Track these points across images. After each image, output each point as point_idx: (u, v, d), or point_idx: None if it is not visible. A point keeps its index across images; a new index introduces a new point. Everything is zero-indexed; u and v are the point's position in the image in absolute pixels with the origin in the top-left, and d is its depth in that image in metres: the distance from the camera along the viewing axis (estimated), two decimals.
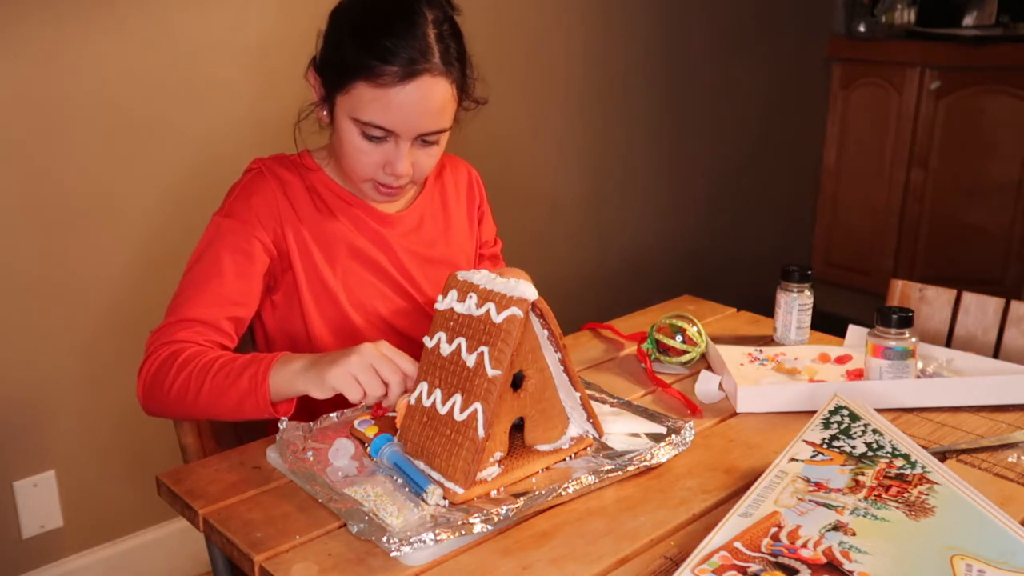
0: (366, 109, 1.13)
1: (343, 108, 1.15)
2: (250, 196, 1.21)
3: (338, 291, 1.24)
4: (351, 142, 1.16)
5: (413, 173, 1.19)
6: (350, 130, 1.15)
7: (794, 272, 1.36)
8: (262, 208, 1.20)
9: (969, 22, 3.26)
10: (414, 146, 1.17)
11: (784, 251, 3.32)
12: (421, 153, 1.18)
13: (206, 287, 1.16)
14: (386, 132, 1.14)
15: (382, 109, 1.12)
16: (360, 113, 1.13)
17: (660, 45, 2.76)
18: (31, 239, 1.72)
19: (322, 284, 1.23)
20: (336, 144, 1.21)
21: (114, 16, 1.73)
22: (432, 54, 1.11)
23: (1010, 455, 1.04)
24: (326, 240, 1.23)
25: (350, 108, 1.14)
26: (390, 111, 1.12)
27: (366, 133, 1.15)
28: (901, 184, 3.19)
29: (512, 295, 0.91)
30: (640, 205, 2.85)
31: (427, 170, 1.22)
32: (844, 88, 3.32)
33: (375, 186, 1.20)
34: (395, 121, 1.13)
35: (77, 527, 1.87)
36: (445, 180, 1.37)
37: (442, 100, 1.14)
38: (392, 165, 1.16)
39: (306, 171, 1.25)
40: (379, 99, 1.11)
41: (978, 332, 1.49)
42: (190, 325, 1.14)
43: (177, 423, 1.25)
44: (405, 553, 0.82)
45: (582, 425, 1.02)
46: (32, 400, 1.77)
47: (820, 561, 0.79)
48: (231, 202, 1.21)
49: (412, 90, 1.11)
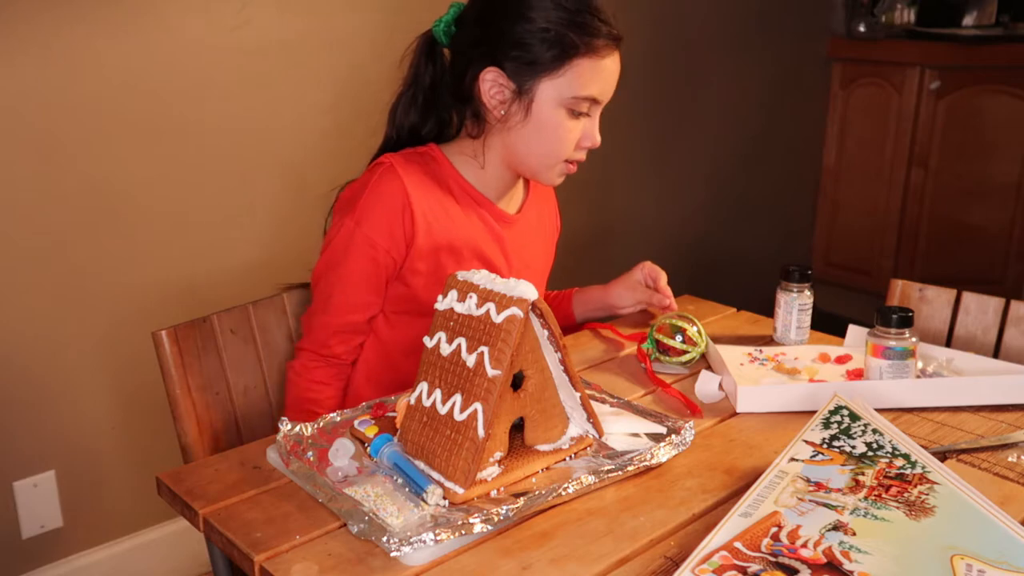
0: (586, 82, 1.20)
1: (552, 92, 1.21)
2: (380, 201, 1.23)
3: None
4: (559, 124, 1.23)
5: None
6: (556, 113, 1.22)
7: (794, 272, 1.36)
8: (392, 214, 1.23)
9: (969, 22, 3.26)
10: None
11: (784, 251, 3.32)
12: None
13: (340, 294, 1.26)
14: (592, 104, 1.23)
15: (600, 79, 1.22)
16: (579, 88, 1.20)
17: (660, 44, 2.76)
18: (32, 239, 1.72)
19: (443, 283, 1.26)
20: (528, 134, 1.24)
21: (117, 15, 1.73)
22: (613, 26, 1.23)
23: (1010, 455, 1.04)
24: (451, 241, 1.26)
25: (566, 88, 1.21)
26: (605, 80, 1.22)
27: (575, 110, 1.22)
28: (901, 184, 3.19)
29: (512, 295, 0.91)
30: (640, 205, 2.85)
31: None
32: (844, 88, 3.32)
33: (564, 167, 1.28)
34: (606, 90, 1.24)
35: (77, 527, 1.87)
36: (540, 194, 1.43)
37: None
38: (591, 137, 1.25)
39: (438, 168, 1.28)
40: (597, 70, 1.21)
41: (978, 332, 1.49)
42: (326, 335, 1.27)
43: (176, 422, 1.25)
44: (405, 553, 0.82)
45: (582, 425, 1.02)
46: (32, 400, 1.77)
47: (820, 561, 0.79)
48: (362, 207, 1.23)
49: (616, 57, 1.23)
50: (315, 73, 2.02)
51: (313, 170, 2.03)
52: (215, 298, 1.77)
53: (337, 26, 2.03)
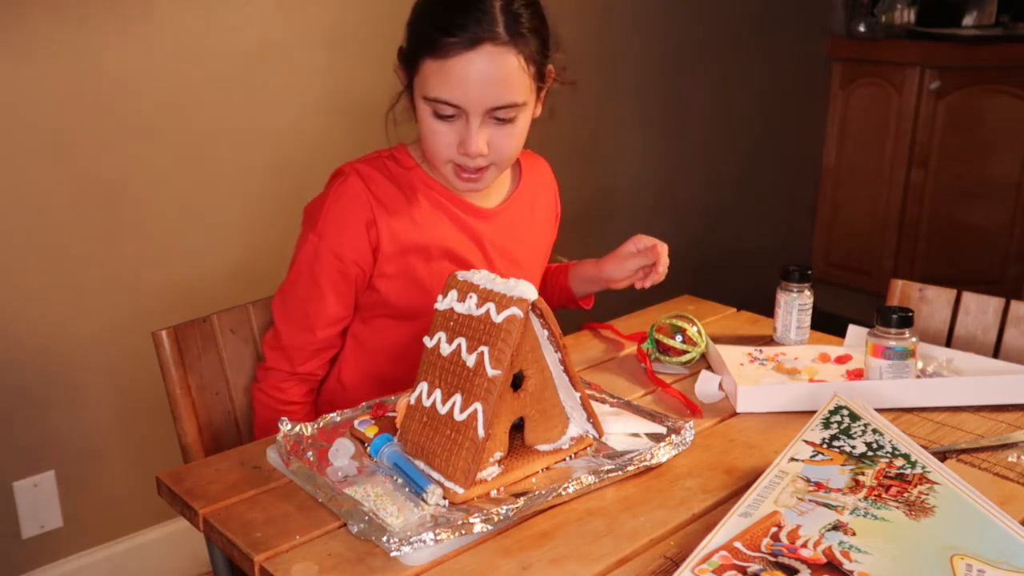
0: (432, 84, 1.13)
1: (417, 91, 1.17)
2: (341, 212, 1.21)
3: (429, 292, 1.24)
4: (426, 124, 1.17)
5: (490, 154, 1.17)
6: (424, 111, 1.16)
7: (794, 272, 1.36)
8: (354, 224, 1.20)
9: (969, 22, 3.26)
10: (487, 124, 1.16)
11: (784, 251, 3.32)
12: (496, 132, 1.17)
13: (312, 311, 1.23)
14: (455, 108, 1.14)
15: (445, 82, 1.12)
16: (428, 89, 1.14)
17: (660, 44, 2.76)
18: (31, 239, 1.72)
19: (415, 285, 1.24)
20: (418, 132, 1.21)
21: (117, 15, 1.73)
22: (496, 24, 1.11)
23: (1010, 455, 1.04)
24: (418, 242, 1.23)
25: (421, 87, 1.15)
26: (452, 83, 1.12)
27: (437, 112, 1.15)
28: (901, 184, 3.19)
29: (512, 295, 0.91)
30: (640, 204, 2.85)
31: (507, 152, 1.19)
32: (844, 88, 3.32)
33: (455, 170, 1.20)
34: (460, 94, 1.12)
35: (77, 527, 1.87)
36: (535, 181, 1.39)
37: (508, 72, 1.13)
38: (464, 144, 1.15)
39: (401, 170, 1.25)
40: (442, 71, 1.12)
41: (978, 332, 1.49)
42: (302, 355, 1.25)
43: (176, 422, 1.25)
44: (405, 553, 0.82)
45: (582, 425, 1.02)
46: (32, 400, 1.77)
47: (820, 561, 0.79)
48: (324, 220, 1.21)
49: (474, 60, 1.11)
50: (316, 73, 2.02)
51: (314, 170, 2.02)
52: (215, 298, 1.77)
53: (337, 26, 2.03)
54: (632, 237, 1.42)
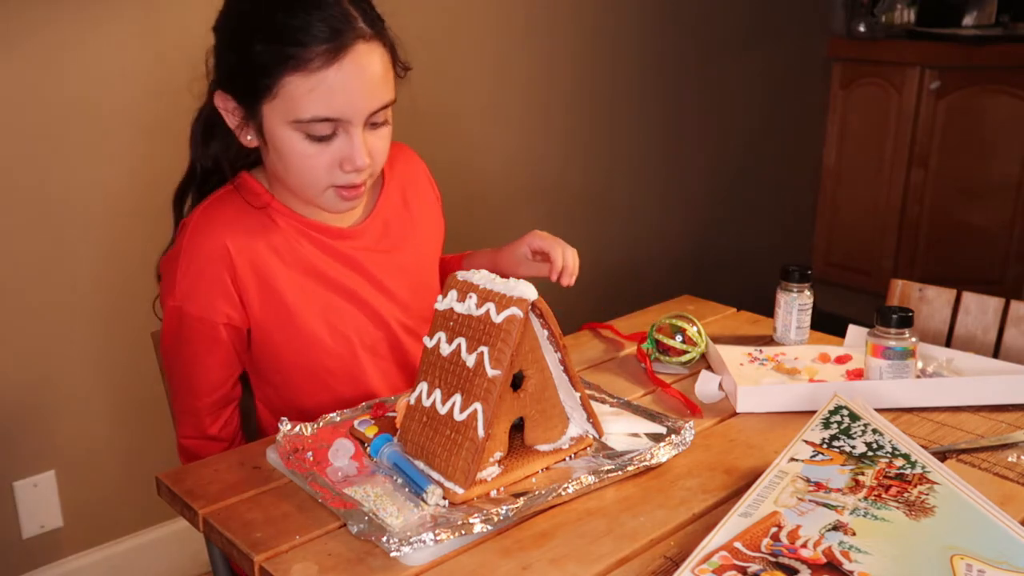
0: (305, 104, 1.00)
1: (275, 116, 1.02)
2: (196, 271, 1.09)
3: (316, 328, 1.15)
4: (296, 151, 1.03)
5: (371, 163, 1.07)
6: (290, 138, 1.02)
7: (794, 272, 1.36)
8: (213, 282, 1.09)
9: (969, 22, 3.26)
10: (365, 131, 1.04)
11: (784, 251, 3.32)
12: (373, 137, 1.06)
13: (193, 377, 1.15)
14: (333, 124, 1.02)
15: (322, 98, 0.99)
16: (299, 112, 1.00)
17: (660, 44, 2.76)
18: (31, 240, 1.72)
19: (295, 328, 1.14)
20: (275, 162, 1.07)
21: (117, 15, 1.73)
22: (355, 19, 1.00)
23: (1010, 455, 1.04)
24: (289, 274, 1.13)
25: (285, 112, 1.01)
26: (332, 97, 0.99)
27: (311, 133, 1.02)
28: (901, 184, 3.19)
29: (512, 295, 0.91)
30: (640, 205, 2.85)
31: (383, 156, 1.09)
32: (844, 88, 3.32)
33: (336, 192, 1.07)
34: (341, 106, 1.00)
35: (77, 527, 1.87)
36: (401, 172, 1.25)
37: (382, 68, 1.03)
38: (350, 160, 1.04)
39: (254, 198, 1.12)
40: (317, 87, 0.99)
41: (978, 332, 1.49)
42: (204, 419, 1.17)
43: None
44: (405, 553, 0.82)
45: (582, 425, 1.02)
46: (32, 400, 1.77)
47: (820, 561, 0.79)
48: (180, 283, 1.09)
49: (349, 64, 0.99)
50: None
51: None
52: None
53: None
54: (528, 234, 1.26)
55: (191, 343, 1.12)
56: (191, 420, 1.19)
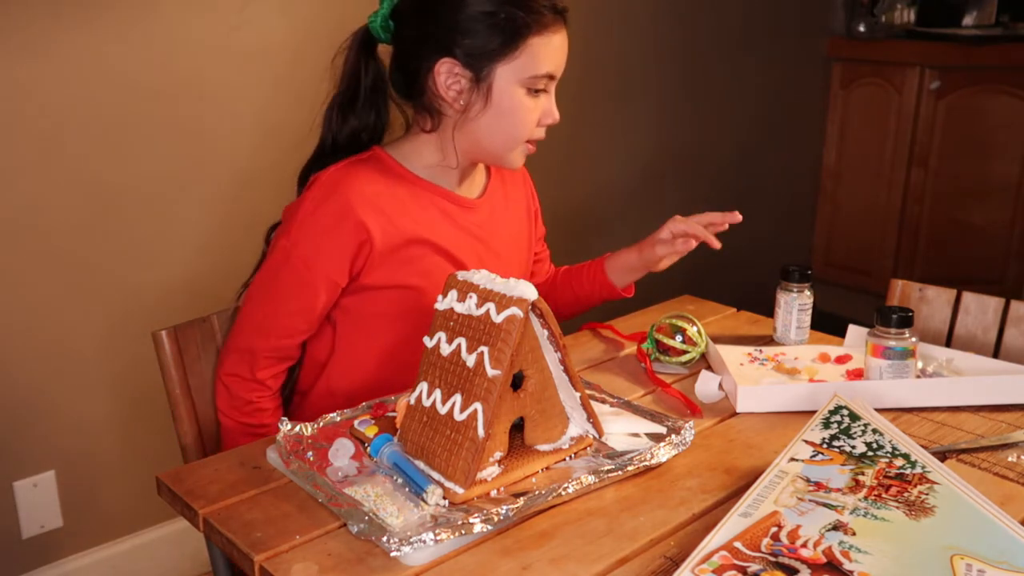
0: (541, 60, 1.18)
1: (510, 75, 1.18)
2: (317, 223, 1.17)
3: (420, 289, 1.22)
4: (520, 106, 1.20)
5: None
6: (517, 94, 1.19)
7: (794, 272, 1.36)
8: (331, 237, 1.17)
9: (969, 22, 3.26)
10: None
11: (784, 251, 3.32)
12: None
13: (273, 322, 1.21)
14: (549, 80, 1.21)
15: (553, 54, 1.19)
16: (536, 67, 1.18)
17: (659, 45, 2.76)
18: (31, 239, 1.72)
19: (406, 283, 1.22)
20: (490, 121, 1.21)
21: (118, 15, 1.73)
22: None
23: (1010, 455, 1.04)
24: (415, 236, 1.21)
25: (522, 69, 1.18)
26: (557, 55, 1.20)
27: (535, 88, 1.20)
28: (901, 184, 3.19)
29: (512, 295, 0.91)
30: (640, 205, 2.85)
31: None
32: (844, 88, 3.32)
33: (526, 147, 1.25)
34: (560, 63, 1.21)
35: (77, 527, 1.87)
36: (503, 174, 1.38)
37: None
38: (550, 113, 1.23)
39: (386, 168, 1.23)
40: (548, 45, 1.18)
41: (978, 332, 1.49)
42: (260, 362, 1.22)
43: (176, 422, 1.25)
44: (405, 553, 0.82)
45: (582, 425, 1.02)
46: (32, 400, 1.77)
47: (820, 561, 0.79)
48: (298, 229, 1.18)
49: (564, 30, 1.21)
50: (316, 73, 2.01)
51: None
52: (215, 298, 1.76)
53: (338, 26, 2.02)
54: (670, 219, 1.39)
55: (286, 284, 1.20)
56: (246, 359, 1.22)
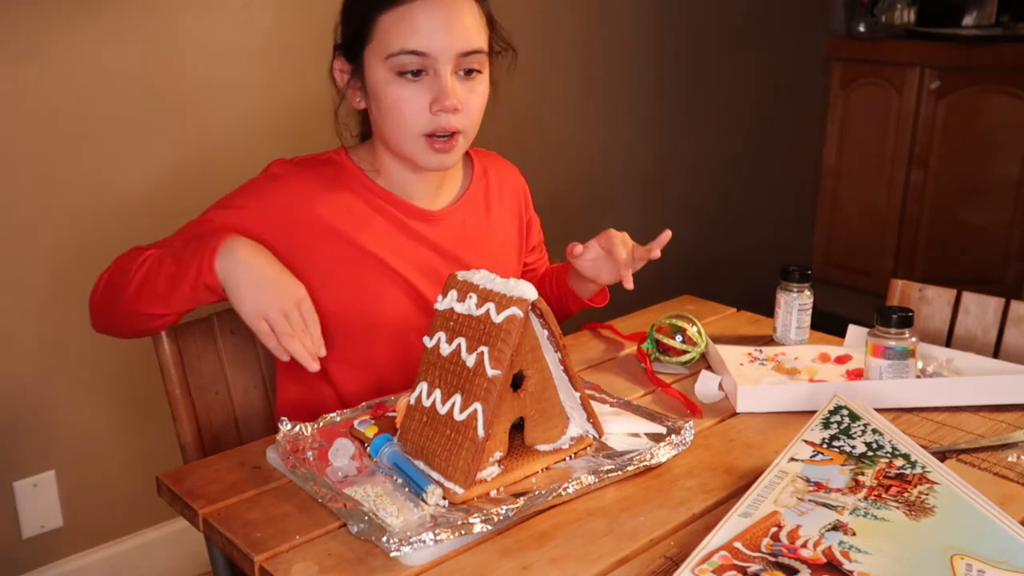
0: (394, 37, 1.08)
1: (373, 60, 1.11)
2: (261, 199, 1.15)
3: (363, 297, 1.18)
4: (391, 93, 1.10)
5: (462, 114, 1.12)
6: (386, 79, 1.10)
7: (794, 272, 1.36)
8: (267, 210, 1.15)
9: (969, 22, 3.26)
10: (455, 78, 1.11)
11: (784, 251, 3.32)
12: (464, 88, 1.12)
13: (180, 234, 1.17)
14: (422, 59, 1.08)
15: (409, 30, 1.07)
16: (389, 46, 1.08)
17: (659, 45, 2.76)
18: (30, 240, 1.72)
19: (352, 290, 1.18)
20: (376, 114, 1.15)
21: (117, 14, 1.73)
22: None
23: (1010, 455, 1.04)
24: (356, 242, 1.17)
25: (380, 51, 1.10)
26: (417, 30, 1.07)
27: (403, 69, 1.09)
28: (901, 184, 3.19)
29: (512, 295, 0.91)
30: (640, 205, 2.85)
31: (475, 112, 1.15)
32: (844, 88, 3.32)
33: (428, 142, 1.13)
34: (425, 40, 1.08)
35: (77, 527, 1.87)
36: (490, 180, 1.32)
37: (469, 16, 1.11)
38: (439, 100, 1.09)
39: (336, 172, 1.19)
40: (404, 20, 1.08)
41: (978, 332, 1.49)
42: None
43: (176, 422, 1.25)
44: (405, 553, 0.82)
45: (582, 425, 1.02)
46: (32, 400, 1.77)
47: (820, 561, 0.79)
48: (232, 196, 1.17)
49: (433, 3, 1.08)
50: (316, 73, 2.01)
51: None
52: None
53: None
54: (603, 232, 1.32)
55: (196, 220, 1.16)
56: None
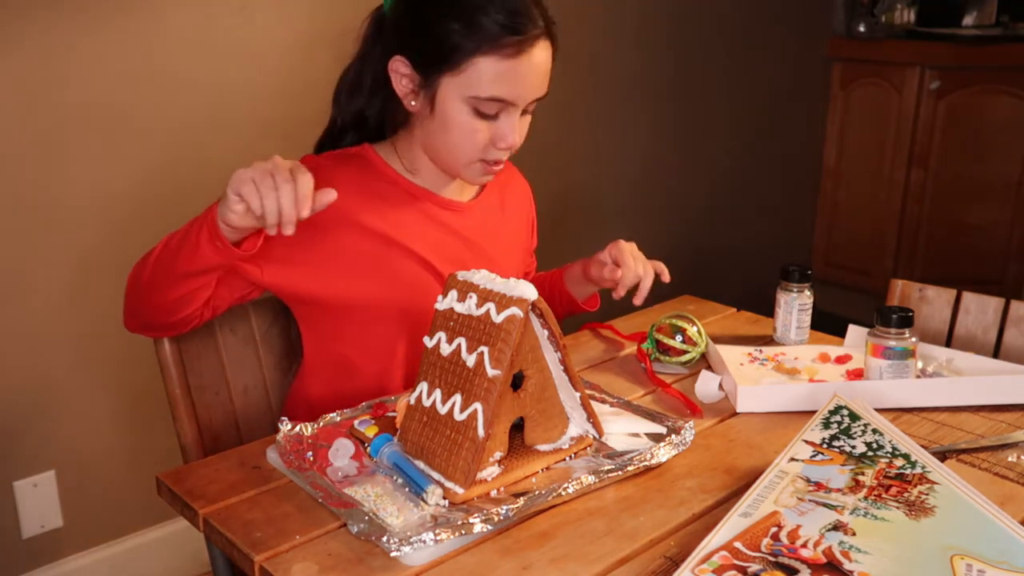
0: (487, 85, 1.10)
1: (453, 89, 1.12)
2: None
3: (395, 287, 1.19)
4: (463, 123, 1.13)
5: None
6: (461, 110, 1.13)
7: (794, 272, 1.36)
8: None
9: (969, 22, 3.26)
10: (520, 116, 1.16)
11: (784, 251, 3.32)
12: (522, 123, 1.18)
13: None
14: (502, 105, 1.13)
15: (507, 81, 1.11)
16: (480, 89, 1.11)
17: (660, 45, 2.76)
18: (29, 240, 1.72)
19: (383, 279, 1.19)
20: (435, 129, 1.16)
21: (117, 14, 1.73)
22: (538, 18, 1.12)
23: (1010, 455, 1.04)
24: (389, 235, 1.19)
25: (466, 88, 1.11)
26: (511, 82, 1.11)
27: (481, 110, 1.12)
28: (901, 184, 3.19)
29: (512, 295, 0.91)
30: (640, 205, 2.85)
31: (522, 140, 1.20)
32: (844, 88, 3.32)
33: (483, 166, 1.18)
34: (515, 92, 1.12)
35: (77, 527, 1.87)
36: (504, 180, 1.36)
37: (548, 64, 1.15)
38: (505, 139, 1.14)
39: (370, 167, 1.21)
40: (504, 71, 1.10)
41: (978, 332, 1.49)
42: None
43: (176, 422, 1.25)
44: (405, 553, 0.82)
45: (582, 425, 1.02)
46: (32, 400, 1.77)
47: (820, 561, 0.79)
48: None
49: (531, 57, 1.11)
50: (317, 73, 2.02)
51: None
52: None
53: (339, 26, 2.03)
54: (612, 243, 1.37)
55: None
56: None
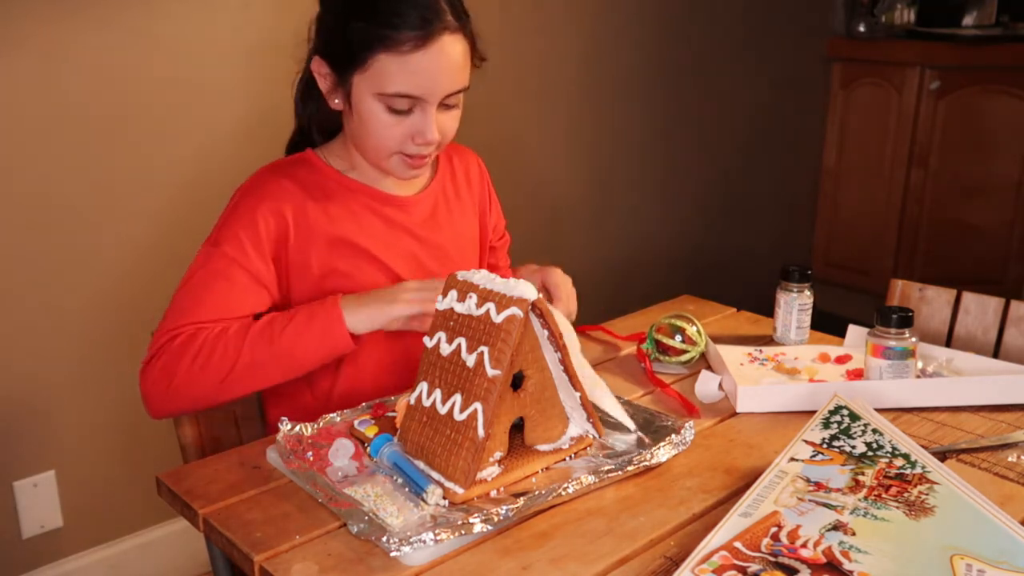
0: (391, 80, 1.11)
1: (363, 86, 1.14)
2: (240, 219, 1.17)
3: (354, 290, 1.19)
4: (376, 119, 1.15)
5: (440, 139, 1.18)
6: (373, 107, 1.14)
7: (794, 272, 1.36)
8: (259, 235, 1.16)
9: (969, 22, 3.26)
10: (438, 111, 1.16)
11: (784, 251, 3.32)
12: (444, 117, 1.17)
13: (208, 293, 1.14)
14: (412, 100, 1.13)
15: (407, 77, 1.11)
16: (385, 86, 1.12)
17: (660, 45, 2.76)
18: (30, 240, 1.72)
19: (342, 285, 1.21)
20: (355, 126, 1.19)
21: (117, 14, 1.73)
22: (444, 12, 1.12)
23: (1010, 455, 1.04)
24: (341, 236, 1.21)
25: (373, 84, 1.13)
26: (416, 77, 1.11)
27: (392, 106, 1.14)
28: (901, 184, 3.19)
29: (512, 295, 0.91)
30: (640, 205, 2.85)
31: (451, 134, 1.20)
32: (844, 88, 3.32)
33: (402, 160, 1.19)
34: (422, 87, 1.12)
35: (77, 527, 1.87)
36: (455, 167, 1.36)
37: (461, 57, 1.14)
38: (422, 134, 1.15)
39: (312, 173, 1.22)
40: (403, 67, 1.11)
41: (978, 332, 1.49)
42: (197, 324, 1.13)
43: (177, 422, 1.25)
44: (405, 553, 0.82)
45: (582, 425, 1.02)
46: (32, 400, 1.77)
47: (820, 561, 0.79)
48: (219, 232, 1.17)
49: (434, 52, 1.11)
50: None
51: None
52: None
53: None
54: (548, 269, 1.33)
55: (216, 271, 1.15)
56: (179, 316, 1.14)
